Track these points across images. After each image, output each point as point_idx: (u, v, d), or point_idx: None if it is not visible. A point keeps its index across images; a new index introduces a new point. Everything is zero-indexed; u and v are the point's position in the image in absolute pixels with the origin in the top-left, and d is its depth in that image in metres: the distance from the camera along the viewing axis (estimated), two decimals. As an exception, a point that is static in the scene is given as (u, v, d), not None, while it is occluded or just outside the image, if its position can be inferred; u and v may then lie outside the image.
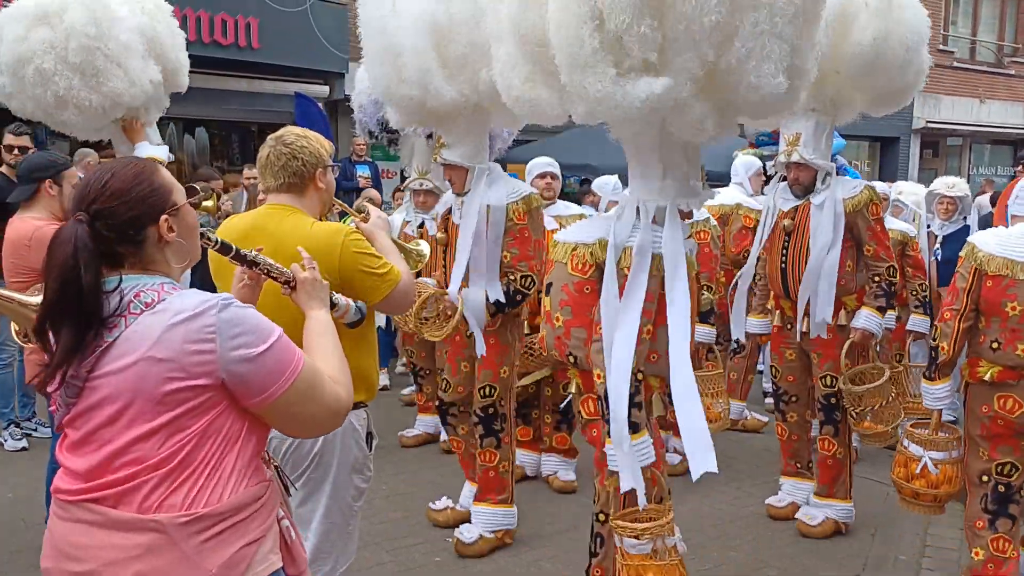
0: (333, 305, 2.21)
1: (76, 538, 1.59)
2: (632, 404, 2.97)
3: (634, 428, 2.98)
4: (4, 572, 3.99)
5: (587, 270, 3.09)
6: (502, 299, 4.10)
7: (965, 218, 6.70)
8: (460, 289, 4.12)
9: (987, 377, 3.51)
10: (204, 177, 6.93)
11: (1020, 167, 6.30)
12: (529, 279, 4.13)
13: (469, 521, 4.37)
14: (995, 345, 3.50)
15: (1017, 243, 3.49)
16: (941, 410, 3.75)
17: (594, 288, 3.07)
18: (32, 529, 4.32)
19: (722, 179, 7.64)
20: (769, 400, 6.09)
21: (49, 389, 1.63)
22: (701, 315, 4.83)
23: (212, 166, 10.91)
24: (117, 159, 1.77)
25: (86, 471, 1.59)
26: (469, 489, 4.55)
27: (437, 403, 4.46)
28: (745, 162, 6.57)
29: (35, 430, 5.90)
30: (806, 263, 4.45)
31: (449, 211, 4.35)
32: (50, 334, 1.62)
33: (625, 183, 3.39)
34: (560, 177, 5.25)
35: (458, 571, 4.06)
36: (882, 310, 4.48)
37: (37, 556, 4.06)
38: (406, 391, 6.98)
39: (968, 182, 8.03)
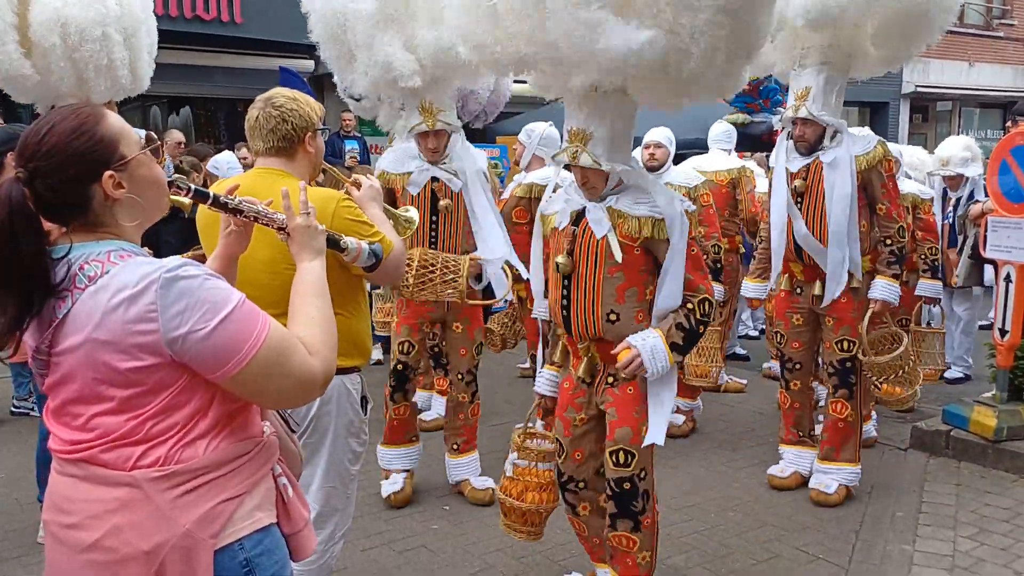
0: (343, 249, 2.14)
1: (67, 492, 1.58)
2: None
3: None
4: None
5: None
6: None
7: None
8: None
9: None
10: (197, 153, 6.85)
11: (1009, 123, 6.27)
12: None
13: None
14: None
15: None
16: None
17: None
18: (26, 510, 4.30)
19: (694, 145, 7.61)
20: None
21: (2, 357, 1.57)
22: (712, 273, 4.67)
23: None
24: (64, 107, 1.61)
25: (66, 439, 1.58)
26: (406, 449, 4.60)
27: (398, 367, 4.45)
28: (727, 129, 6.51)
29: (32, 409, 5.86)
30: (823, 224, 4.31)
31: (433, 179, 4.29)
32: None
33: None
34: (668, 147, 5.49)
35: (455, 538, 4.06)
36: (896, 277, 4.39)
37: (32, 536, 4.04)
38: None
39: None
